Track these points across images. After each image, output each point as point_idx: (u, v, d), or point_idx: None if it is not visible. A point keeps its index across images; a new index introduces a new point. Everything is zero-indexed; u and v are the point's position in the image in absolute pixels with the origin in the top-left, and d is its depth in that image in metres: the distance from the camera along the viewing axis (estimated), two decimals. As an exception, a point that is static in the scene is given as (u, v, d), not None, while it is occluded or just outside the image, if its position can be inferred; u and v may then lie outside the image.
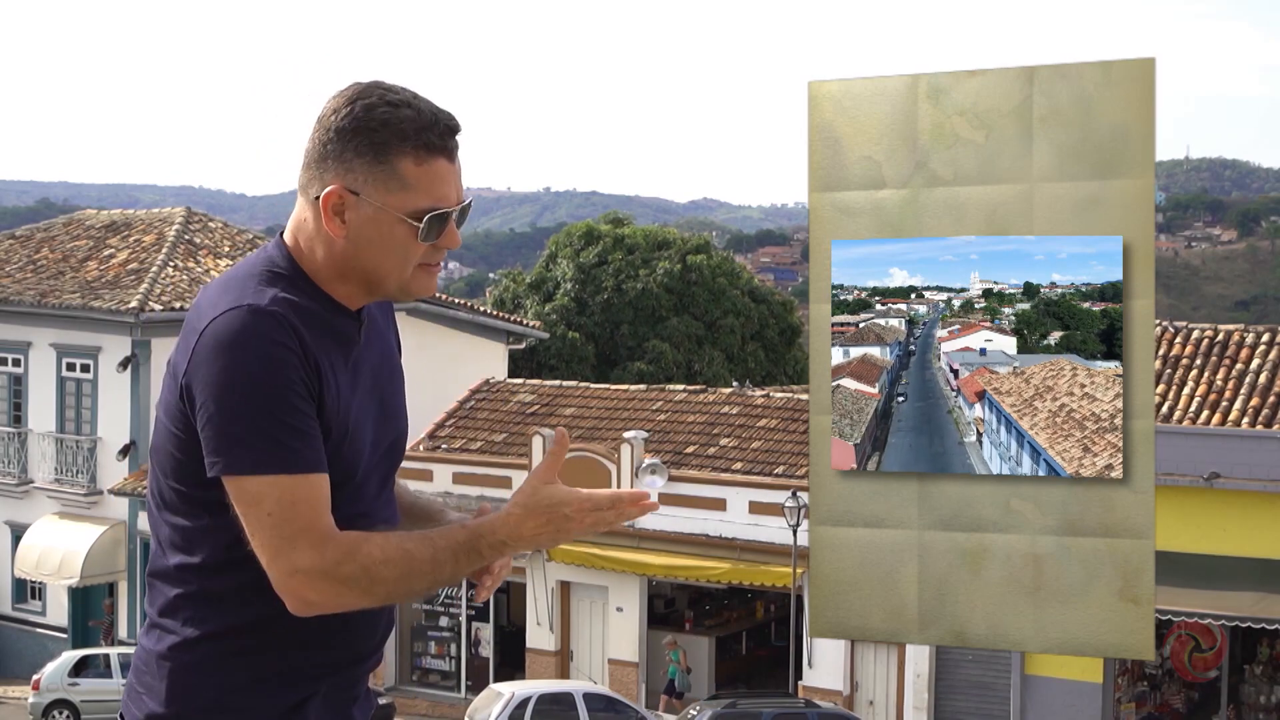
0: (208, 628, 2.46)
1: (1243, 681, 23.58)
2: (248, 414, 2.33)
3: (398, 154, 2.43)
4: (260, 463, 2.33)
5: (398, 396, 2.64)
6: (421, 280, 2.51)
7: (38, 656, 29.62)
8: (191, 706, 2.47)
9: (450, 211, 2.46)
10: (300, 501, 2.34)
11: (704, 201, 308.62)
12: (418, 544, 2.38)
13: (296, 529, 2.33)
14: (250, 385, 2.33)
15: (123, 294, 30.65)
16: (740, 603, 29.42)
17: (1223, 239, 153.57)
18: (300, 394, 2.36)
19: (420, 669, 29.05)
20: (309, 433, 2.36)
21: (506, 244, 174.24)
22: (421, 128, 2.44)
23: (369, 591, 2.36)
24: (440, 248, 2.49)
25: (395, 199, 2.44)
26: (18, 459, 32.44)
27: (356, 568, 2.34)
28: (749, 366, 46.89)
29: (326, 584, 2.34)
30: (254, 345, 2.34)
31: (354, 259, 2.47)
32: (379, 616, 2.58)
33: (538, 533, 2.43)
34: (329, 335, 2.46)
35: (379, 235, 2.45)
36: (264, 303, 2.38)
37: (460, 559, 2.40)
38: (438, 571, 2.38)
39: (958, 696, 24.34)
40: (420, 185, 2.44)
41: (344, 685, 2.57)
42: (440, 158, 2.45)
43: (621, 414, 28.65)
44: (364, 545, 2.35)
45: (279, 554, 2.34)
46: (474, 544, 2.41)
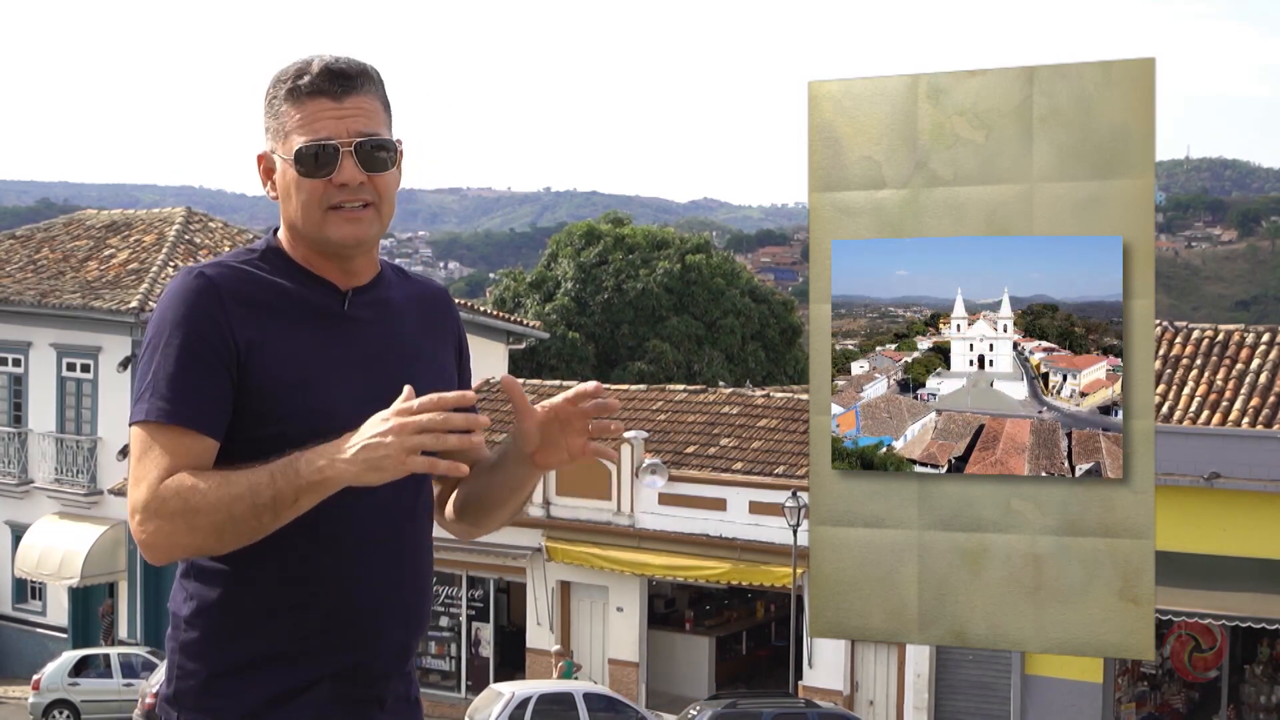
0: (196, 606, 2.50)
1: (1243, 681, 23.57)
2: (146, 368, 2.44)
3: (282, 103, 2.52)
4: (136, 410, 2.42)
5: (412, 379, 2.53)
6: (335, 224, 2.52)
7: (38, 656, 29.62)
8: (185, 686, 2.50)
9: (324, 143, 2.48)
10: (154, 449, 2.39)
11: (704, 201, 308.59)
12: (241, 473, 2.35)
13: (141, 472, 2.39)
14: (153, 340, 2.44)
15: (123, 294, 30.65)
16: (740, 603, 29.42)
17: (1223, 239, 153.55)
18: (198, 352, 2.41)
19: (420, 669, 29.01)
20: (191, 389, 2.41)
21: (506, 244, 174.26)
22: (300, 73, 2.52)
23: (193, 525, 2.33)
24: (338, 184, 2.50)
25: (284, 145, 2.52)
26: (18, 459, 32.44)
27: (178, 500, 2.34)
28: (749, 366, 46.89)
29: (156, 522, 2.35)
30: (169, 302, 2.46)
31: (285, 215, 2.57)
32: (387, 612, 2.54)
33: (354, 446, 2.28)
34: (291, 300, 2.51)
35: (284, 186, 2.54)
36: (204, 268, 2.49)
37: (277, 477, 2.32)
38: (255, 494, 2.32)
39: (958, 696, 24.34)
40: (300, 126, 2.50)
41: (360, 684, 2.53)
42: (319, 97, 2.50)
43: (621, 414, 28.65)
44: (188, 479, 2.36)
45: (129, 498, 2.41)
46: (293, 463, 2.32)
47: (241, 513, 2.32)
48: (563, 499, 26.79)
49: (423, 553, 2.64)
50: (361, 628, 2.52)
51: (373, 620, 2.53)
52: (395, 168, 2.56)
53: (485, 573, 28.01)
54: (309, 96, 2.50)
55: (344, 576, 2.50)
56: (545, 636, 27.43)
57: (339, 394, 2.49)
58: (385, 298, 2.63)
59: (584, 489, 26.54)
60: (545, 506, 26.89)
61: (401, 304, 2.65)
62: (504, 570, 27.70)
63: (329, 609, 2.48)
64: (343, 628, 2.50)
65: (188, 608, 2.51)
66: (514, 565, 27.28)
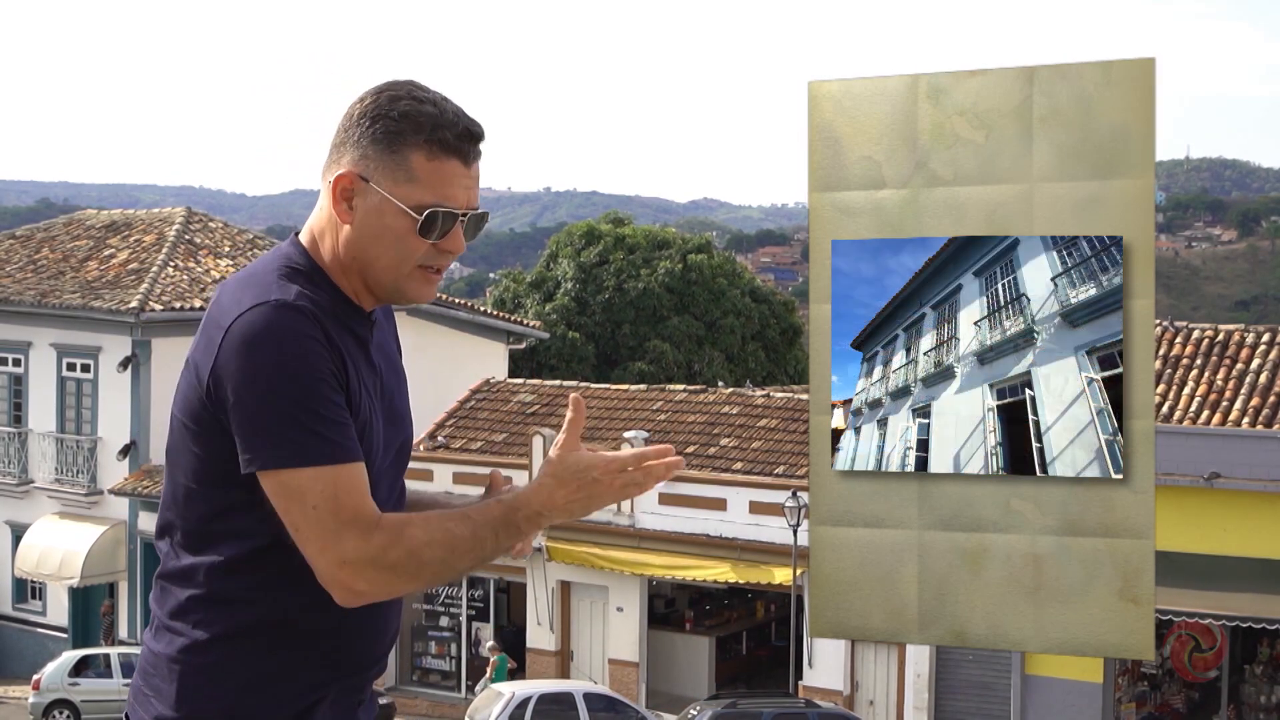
0: (218, 630, 2.44)
1: (1243, 681, 23.58)
2: (284, 407, 2.32)
3: (410, 146, 2.43)
4: (300, 455, 2.31)
5: (403, 400, 2.64)
6: (418, 283, 2.49)
7: (38, 656, 29.62)
8: (202, 710, 2.45)
9: (455, 212, 2.45)
10: (344, 492, 2.33)
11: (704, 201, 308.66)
12: (458, 523, 2.37)
13: (343, 520, 2.32)
14: (284, 379, 2.32)
15: (123, 294, 30.65)
16: (740, 603, 29.42)
17: (1223, 239, 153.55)
18: (332, 385, 2.36)
19: (420, 669, 29.05)
20: (344, 423, 2.36)
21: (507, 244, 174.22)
22: (438, 125, 2.44)
23: (417, 575, 2.35)
24: (442, 250, 2.47)
25: (401, 190, 2.44)
26: (18, 459, 32.44)
27: (403, 552, 2.32)
28: (749, 366, 46.90)
29: (375, 572, 2.32)
30: (285, 339, 2.34)
31: (356, 247, 2.47)
32: (388, 621, 2.58)
33: (570, 500, 2.41)
34: (347, 331, 2.46)
35: (381, 225, 2.45)
36: (290, 298, 2.38)
37: (500, 533, 2.38)
38: (479, 549, 2.37)
39: (958, 696, 24.34)
40: (428, 180, 2.43)
41: (352, 689, 2.56)
42: (454, 158, 2.45)
43: (621, 414, 28.65)
44: (407, 529, 2.34)
45: (326, 546, 2.33)
46: (510, 518, 2.39)
47: (462, 566, 2.38)
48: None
49: None
50: (369, 636, 2.54)
51: (378, 628, 2.56)
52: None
53: (485, 573, 28.01)
54: (444, 153, 2.44)
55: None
56: (545, 636, 27.45)
57: (376, 424, 2.50)
58: (377, 316, 2.61)
59: (584, 489, 26.51)
60: (545, 506, 26.87)
61: (380, 319, 2.63)
62: (504, 570, 27.71)
63: (351, 627, 2.49)
64: (361, 645, 2.52)
65: (207, 630, 2.45)
66: (514, 565, 27.28)
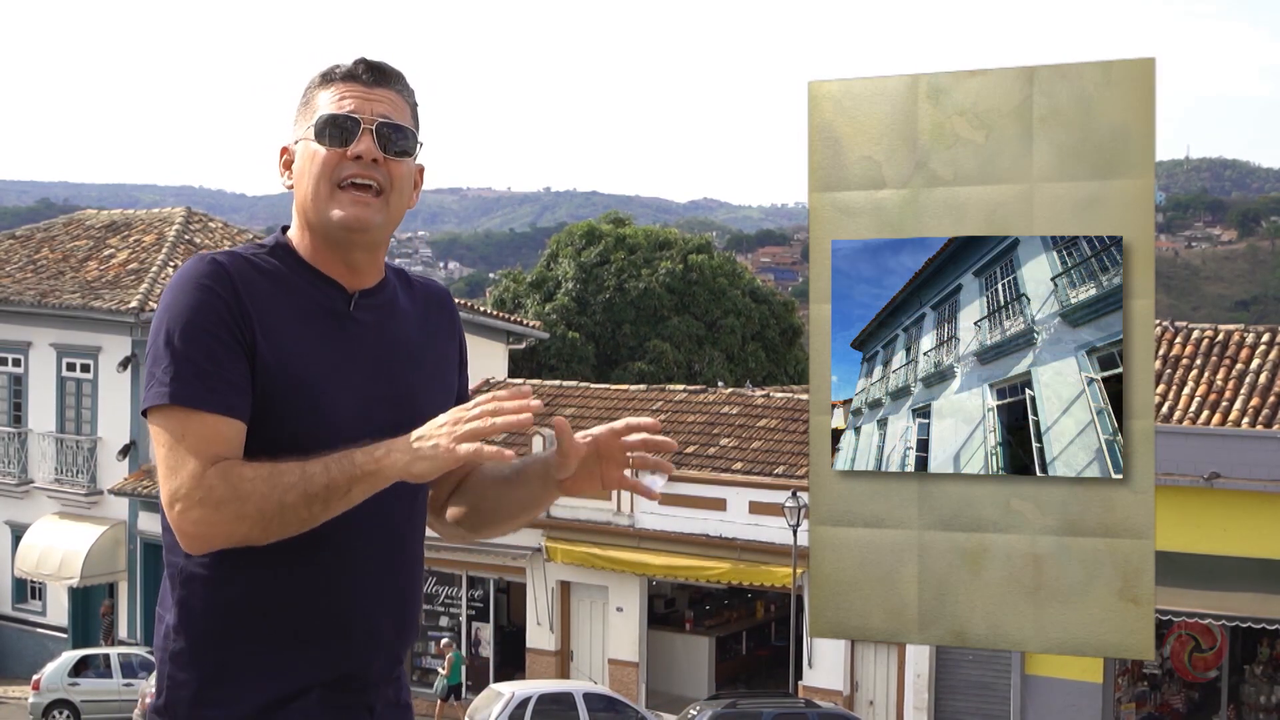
0: (183, 611, 2.47)
1: (1243, 681, 23.57)
2: (159, 352, 2.39)
3: (316, 90, 2.56)
4: (159, 394, 2.36)
5: (414, 385, 2.61)
6: (342, 204, 2.50)
7: (38, 656, 29.62)
8: (176, 697, 2.47)
9: (347, 115, 2.51)
10: (189, 435, 2.34)
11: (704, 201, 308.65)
12: (290, 461, 2.34)
13: (178, 459, 2.34)
14: (166, 324, 2.39)
15: (123, 294, 30.65)
16: (740, 603, 29.42)
17: (1223, 239, 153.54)
18: (217, 336, 2.38)
19: (420, 669, 29.06)
20: (218, 374, 2.37)
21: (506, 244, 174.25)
22: (336, 65, 2.57)
23: (241, 513, 2.31)
24: (354, 158, 2.50)
25: (308, 127, 2.55)
26: (18, 459, 32.43)
27: (226, 488, 2.31)
28: (750, 367, 46.89)
29: (199, 510, 2.32)
30: (182, 287, 2.42)
31: (298, 201, 2.56)
32: (380, 620, 2.53)
33: (413, 438, 2.34)
34: (298, 297, 2.50)
35: (300, 165, 2.55)
36: (214, 255, 2.47)
37: (331, 466, 2.33)
38: (308, 482, 2.31)
39: (958, 696, 24.34)
40: (326, 104, 2.53)
41: (351, 691, 2.51)
42: (352, 82, 2.55)
43: (621, 414, 28.64)
44: (236, 467, 2.34)
45: (164, 486, 2.36)
46: (348, 454, 2.34)
47: (293, 501, 2.31)
48: (563, 499, 26.77)
49: (416, 561, 2.63)
50: (354, 636, 2.50)
51: (365, 628, 2.51)
52: (412, 159, 2.58)
53: (485, 573, 28.02)
54: (341, 80, 2.55)
55: (338, 584, 2.47)
56: (545, 636, 27.45)
57: (339, 396, 2.48)
58: (390, 302, 2.62)
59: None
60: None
61: (405, 309, 2.64)
62: (504, 570, 27.71)
63: (322, 616, 2.46)
64: (335, 636, 2.48)
65: (175, 615, 2.47)
66: (514, 565, 27.28)
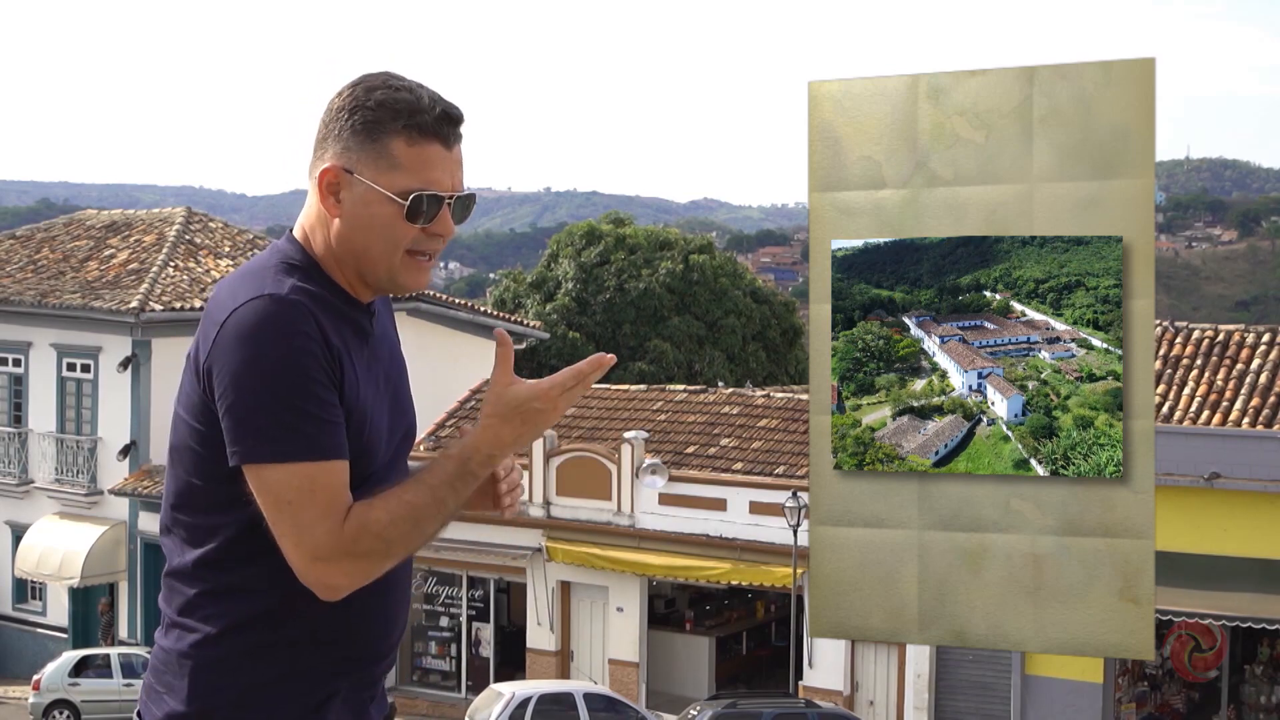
0: (228, 623, 2.45)
1: (1243, 681, 23.58)
2: (268, 402, 2.33)
3: (390, 133, 2.45)
4: (279, 451, 2.33)
5: (406, 389, 2.67)
6: (411, 270, 2.50)
7: (38, 656, 29.62)
8: (214, 704, 2.46)
9: (440, 195, 2.47)
10: (319, 488, 2.34)
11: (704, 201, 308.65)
12: (414, 491, 2.38)
13: (314, 515, 2.34)
14: (272, 373, 2.33)
15: (123, 294, 30.65)
16: (740, 603, 29.42)
17: (1223, 239, 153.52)
18: (321, 382, 2.36)
19: (420, 669, 29.05)
20: (329, 420, 2.37)
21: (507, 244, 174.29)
22: (415, 110, 2.45)
23: (387, 555, 2.38)
24: (431, 235, 2.49)
25: (385, 178, 2.45)
26: (18, 459, 32.43)
27: (371, 539, 2.35)
28: (750, 367, 46.89)
29: (349, 563, 2.35)
30: (276, 333, 2.35)
31: (347, 240, 2.48)
32: (397, 611, 2.59)
33: (518, 434, 2.43)
34: (345, 325, 2.47)
35: (368, 215, 2.46)
36: (284, 291, 2.39)
37: (457, 486, 2.40)
38: (441, 509, 2.39)
39: (958, 696, 24.34)
40: (410, 166, 2.45)
41: (364, 684, 2.57)
42: (434, 142, 2.46)
43: (621, 414, 28.65)
44: (370, 513, 2.35)
45: (299, 542, 2.34)
46: (463, 469, 2.40)
47: (431, 529, 2.40)
48: (563, 499, 26.79)
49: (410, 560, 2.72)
50: (390, 637, 2.57)
51: (391, 630, 2.58)
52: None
53: (485, 573, 28.02)
54: (423, 138, 2.45)
55: (372, 588, 2.50)
56: (545, 636, 27.44)
57: (379, 416, 2.52)
58: (377, 307, 2.63)
59: (584, 489, 26.55)
60: (545, 506, 26.90)
61: (379, 309, 2.65)
62: (504, 570, 27.70)
63: (359, 619, 2.50)
64: (372, 638, 2.54)
65: (217, 624, 2.46)
66: (514, 565, 27.28)
